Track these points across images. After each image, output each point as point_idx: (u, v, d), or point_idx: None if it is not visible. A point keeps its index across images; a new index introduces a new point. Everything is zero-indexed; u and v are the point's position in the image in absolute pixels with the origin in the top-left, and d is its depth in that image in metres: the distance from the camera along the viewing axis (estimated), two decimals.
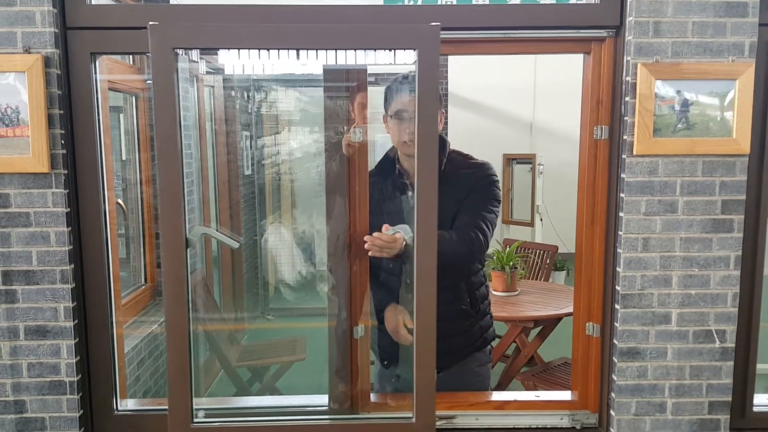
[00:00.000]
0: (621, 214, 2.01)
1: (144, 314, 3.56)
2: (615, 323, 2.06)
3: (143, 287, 3.68)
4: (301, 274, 6.67)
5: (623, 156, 1.98)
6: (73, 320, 1.99)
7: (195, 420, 1.88)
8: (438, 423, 2.15)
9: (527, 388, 3.68)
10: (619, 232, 2.02)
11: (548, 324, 3.87)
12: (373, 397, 2.21)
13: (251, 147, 6.17)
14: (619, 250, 2.03)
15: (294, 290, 6.61)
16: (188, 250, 1.77)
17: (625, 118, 1.97)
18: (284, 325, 6.21)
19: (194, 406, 1.97)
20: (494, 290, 4.07)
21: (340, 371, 2.10)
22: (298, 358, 3.90)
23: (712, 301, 2.03)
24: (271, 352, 4.09)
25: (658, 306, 2.03)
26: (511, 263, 4.03)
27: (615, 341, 2.06)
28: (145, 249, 3.73)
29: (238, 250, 5.61)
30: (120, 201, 3.24)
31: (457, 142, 2.53)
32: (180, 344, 1.80)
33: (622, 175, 1.99)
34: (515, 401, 2.20)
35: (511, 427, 2.17)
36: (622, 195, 2.01)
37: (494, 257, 4.04)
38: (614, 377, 2.08)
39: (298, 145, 6.50)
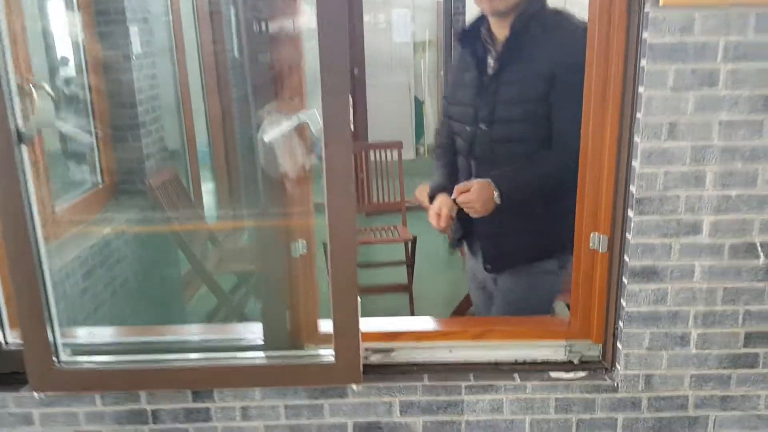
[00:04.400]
0: (641, 90, 1.48)
1: (101, 216, 3.16)
2: (627, 235, 1.58)
3: (100, 187, 3.26)
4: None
5: (646, 9, 1.43)
6: None
7: (62, 359, 1.50)
8: (392, 355, 1.74)
9: None
10: (638, 114, 1.50)
11: None
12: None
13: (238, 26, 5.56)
14: (636, 138, 1.51)
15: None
16: (22, 146, 1.30)
17: None
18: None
19: (59, 341, 1.58)
20: None
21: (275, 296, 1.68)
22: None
23: (759, 205, 1.52)
24: None
25: (686, 212, 1.54)
26: None
27: (626, 258, 1.59)
28: (99, 145, 3.28)
29: (233, 146, 5.13)
30: (45, 85, 2.77)
31: None
32: (25, 263, 1.38)
33: (644, 35, 1.45)
34: (498, 330, 1.76)
35: (492, 361, 1.75)
36: (643, 63, 1.47)
37: None
38: (623, 302, 1.62)
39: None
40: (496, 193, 1.83)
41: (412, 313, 3.73)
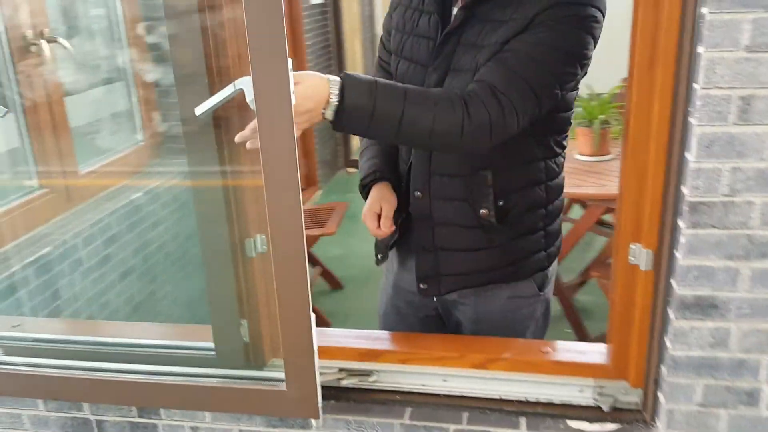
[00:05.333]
0: (700, 50, 1.02)
1: (138, 178, 2.99)
2: (675, 252, 1.14)
3: (139, 146, 3.09)
4: None
5: None
6: None
7: None
8: (371, 380, 1.40)
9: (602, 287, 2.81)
10: (694, 85, 1.04)
11: None
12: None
13: None
14: (691, 119, 1.06)
15: None
16: None
17: None
18: None
19: None
20: (579, 154, 3.08)
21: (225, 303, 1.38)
22: (325, 232, 3.22)
23: None
24: None
25: (762, 226, 1.08)
26: (603, 117, 2.98)
27: (673, 283, 1.15)
28: (140, 100, 3.09)
29: None
30: (62, 39, 2.57)
31: None
32: None
33: None
34: (507, 359, 1.38)
35: (495, 397, 1.37)
36: (703, 9, 1.00)
37: (580, 108, 3.01)
38: (668, 342, 1.19)
39: None
40: (333, 98, 1.19)
41: None
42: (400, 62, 1.49)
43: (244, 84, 1.15)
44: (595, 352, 1.36)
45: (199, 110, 1.21)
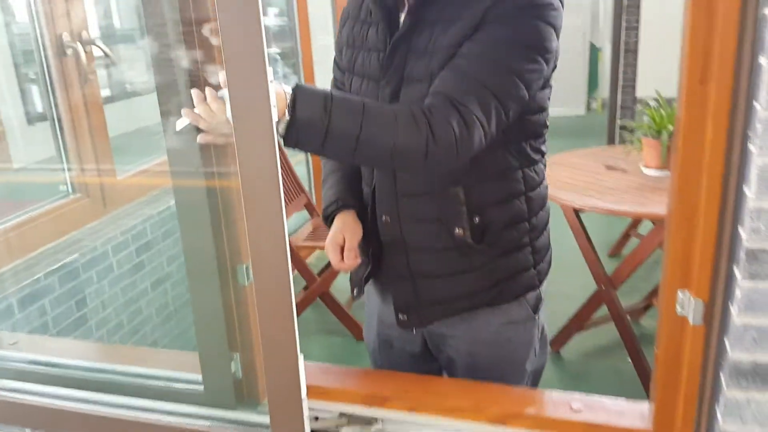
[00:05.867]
0: (762, 60, 0.82)
1: None
2: (730, 306, 0.93)
3: None
4: None
5: None
6: None
7: None
8: (374, 430, 1.24)
9: None
10: (755, 104, 0.84)
11: None
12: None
13: None
14: (751, 146, 0.85)
15: None
16: None
17: None
18: None
19: None
20: (645, 167, 2.82)
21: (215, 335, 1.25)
22: None
23: None
24: None
25: None
26: (671, 128, 2.72)
27: (726, 343, 0.95)
28: None
29: None
30: (100, 43, 2.50)
31: None
32: None
33: None
34: (531, 415, 1.19)
35: None
36: (767, 10, 0.80)
37: (647, 116, 2.75)
38: (719, 414, 0.98)
39: None
40: (286, 109, 1.05)
41: None
42: (353, 79, 1.35)
43: (226, 95, 1.02)
44: (635, 414, 1.16)
45: (179, 124, 1.09)
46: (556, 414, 1.18)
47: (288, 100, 1.06)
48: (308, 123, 1.06)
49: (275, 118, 0.96)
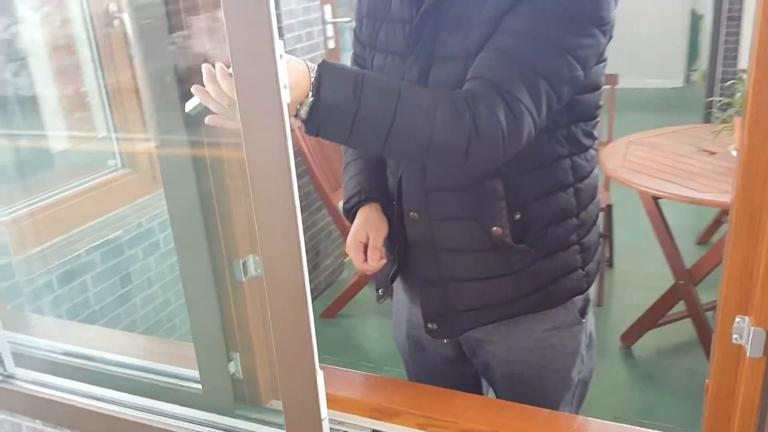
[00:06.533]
0: None
1: None
2: None
3: None
4: None
5: None
6: None
7: None
8: None
9: None
10: None
11: None
12: None
13: None
14: None
15: None
16: None
17: None
18: None
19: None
20: (736, 149, 2.52)
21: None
22: None
23: None
24: None
25: None
26: None
27: None
28: None
29: None
30: None
31: None
32: None
33: None
34: None
35: None
36: None
37: (740, 92, 2.46)
38: None
39: None
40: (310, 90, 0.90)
41: (600, 303, 2.92)
42: (376, 55, 1.18)
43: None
44: None
45: (189, 105, 0.96)
46: None
47: (312, 79, 0.91)
48: (334, 107, 0.92)
49: (287, 100, 0.80)
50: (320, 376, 0.92)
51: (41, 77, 2.21)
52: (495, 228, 1.13)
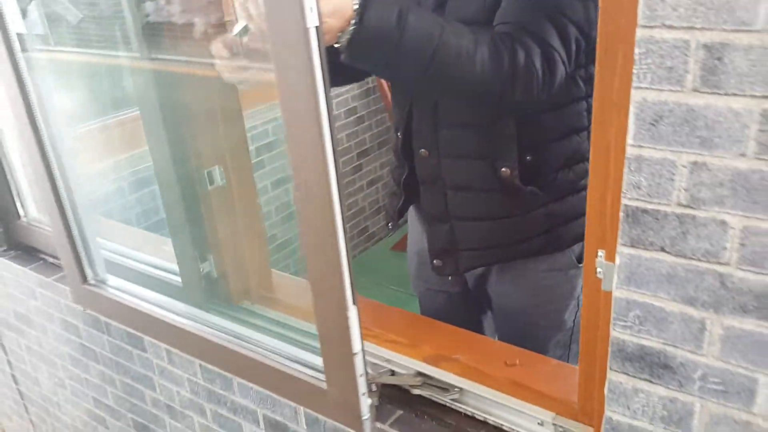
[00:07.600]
0: None
1: None
2: (617, 274, 0.76)
3: None
4: None
5: None
6: None
7: (89, 279, 1.42)
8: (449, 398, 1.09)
9: None
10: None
11: None
12: None
13: None
14: (635, 86, 0.67)
15: None
16: None
17: None
18: None
19: (91, 258, 1.44)
20: None
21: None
22: None
23: None
24: None
25: (741, 262, 0.66)
26: None
27: (614, 319, 0.78)
28: None
29: None
30: None
31: None
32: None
33: None
34: (459, 360, 1.09)
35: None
36: None
37: None
38: (608, 393, 0.82)
39: None
40: (354, 15, 0.90)
41: None
42: None
43: None
44: (567, 380, 1.02)
45: (236, 28, 0.97)
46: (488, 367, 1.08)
47: (356, 4, 0.90)
48: (377, 34, 0.91)
49: (314, 22, 0.77)
50: (353, 312, 0.93)
51: None
52: (504, 169, 1.14)
